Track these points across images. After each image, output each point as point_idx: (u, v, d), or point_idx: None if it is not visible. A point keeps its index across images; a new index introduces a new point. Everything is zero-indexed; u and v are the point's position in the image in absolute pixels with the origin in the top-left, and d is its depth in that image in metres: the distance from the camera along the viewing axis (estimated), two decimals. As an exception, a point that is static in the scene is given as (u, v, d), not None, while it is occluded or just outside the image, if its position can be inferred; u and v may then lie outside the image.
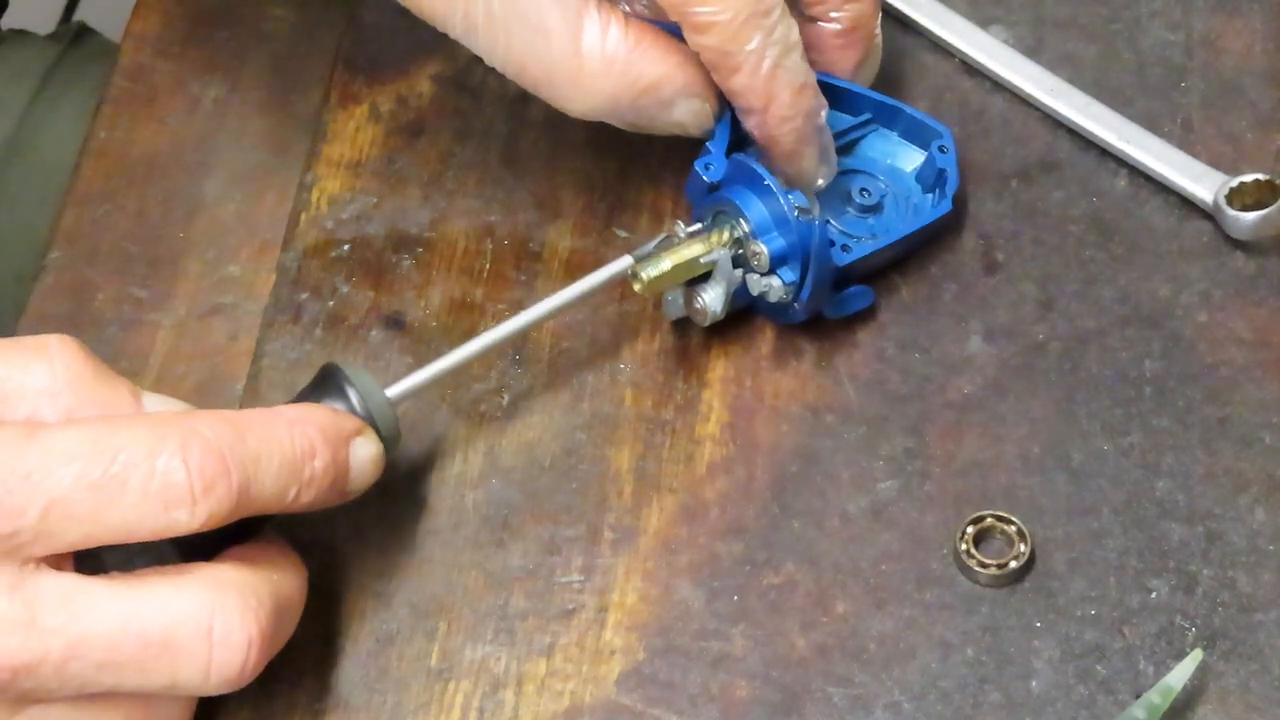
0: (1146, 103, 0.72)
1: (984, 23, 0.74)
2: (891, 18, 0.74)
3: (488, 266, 0.69)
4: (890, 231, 0.67)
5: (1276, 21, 0.74)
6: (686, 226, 0.65)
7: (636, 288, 0.64)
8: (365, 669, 0.61)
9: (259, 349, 0.68)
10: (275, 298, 0.69)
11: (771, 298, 0.65)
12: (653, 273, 0.64)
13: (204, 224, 0.71)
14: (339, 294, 0.69)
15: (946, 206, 0.68)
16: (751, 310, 0.67)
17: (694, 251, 0.64)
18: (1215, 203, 0.68)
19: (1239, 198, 0.67)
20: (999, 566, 0.61)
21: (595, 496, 0.64)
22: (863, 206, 0.68)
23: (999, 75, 0.72)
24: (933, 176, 0.68)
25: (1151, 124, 0.70)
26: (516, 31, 0.62)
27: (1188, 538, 0.62)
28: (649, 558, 0.63)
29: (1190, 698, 0.59)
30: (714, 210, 0.65)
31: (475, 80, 0.74)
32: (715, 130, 0.66)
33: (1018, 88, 0.72)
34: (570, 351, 0.67)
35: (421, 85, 0.74)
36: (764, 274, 0.65)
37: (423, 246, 0.70)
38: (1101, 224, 0.69)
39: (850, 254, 0.66)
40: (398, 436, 0.61)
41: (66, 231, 0.71)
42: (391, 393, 0.61)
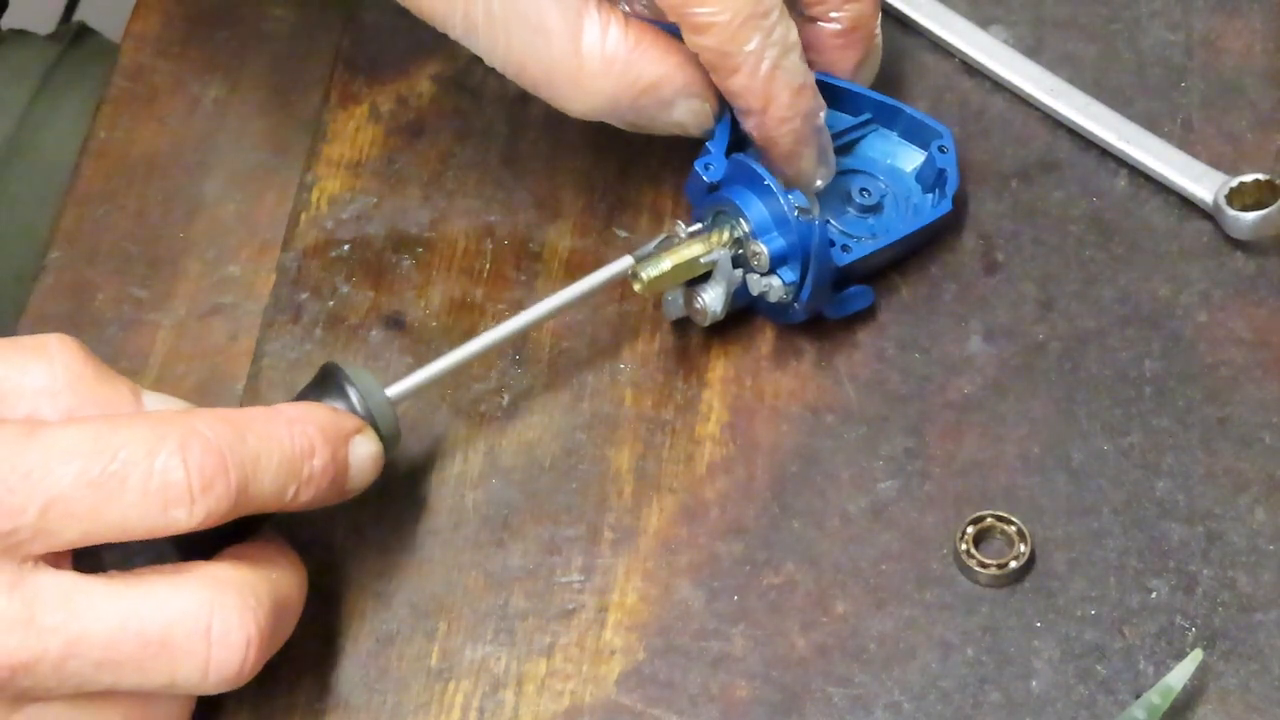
0: (1146, 103, 0.72)
1: (984, 23, 0.74)
2: (891, 18, 0.74)
3: (488, 266, 0.69)
4: (890, 231, 0.67)
5: (1276, 21, 0.74)
6: (687, 226, 0.65)
7: (637, 288, 0.64)
8: (365, 669, 0.61)
9: (259, 349, 0.68)
10: (275, 298, 0.69)
11: (771, 298, 0.65)
12: (653, 273, 0.64)
13: (204, 224, 0.71)
14: (339, 294, 0.69)
15: (946, 206, 0.68)
16: (751, 310, 0.67)
17: (694, 252, 0.64)
18: (1215, 203, 0.68)
19: (1239, 198, 0.67)
20: (999, 566, 0.61)
21: (595, 496, 0.64)
22: (863, 206, 0.68)
23: (999, 75, 0.72)
24: (933, 176, 0.68)
25: (1151, 124, 0.70)
26: (516, 32, 0.62)
27: (1188, 538, 0.62)
28: (649, 558, 0.63)
29: (1190, 698, 0.59)
30: (714, 210, 0.65)
31: (475, 80, 0.74)
32: (715, 130, 0.66)
33: (1018, 88, 0.72)
34: (570, 351, 0.67)
35: (421, 85, 0.74)
36: (764, 274, 0.65)
37: (423, 246, 0.70)
38: (1101, 224, 0.69)
39: (850, 254, 0.66)
40: (398, 436, 0.61)
41: (66, 231, 0.71)
42: (391, 392, 0.61)
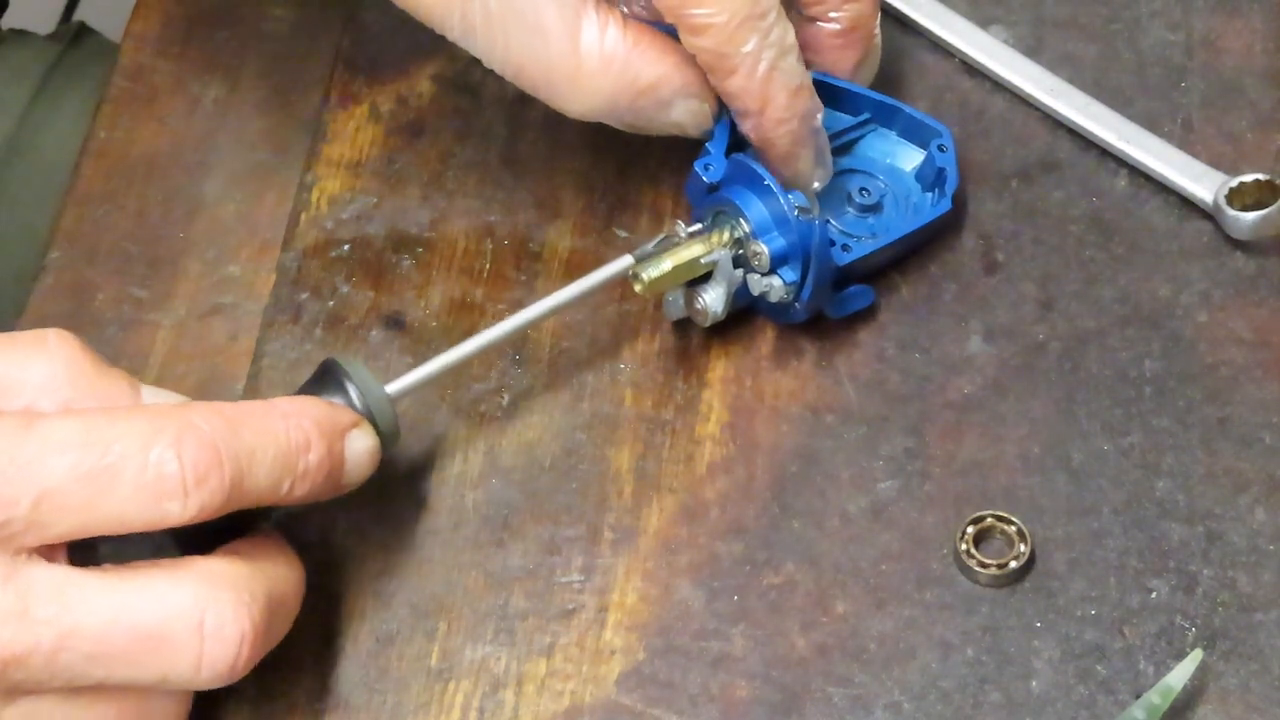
0: (1146, 103, 0.72)
1: (984, 23, 0.74)
2: (891, 18, 0.74)
3: (488, 266, 0.69)
4: (890, 231, 0.67)
5: (1276, 21, 0.74)
6: (687, 226, 0.65)
7: (637, 288, 0.64)
8: (365, 669, 0.61)
9: (259, 349, 0.68)
10: (275, 298, 0.69)
11: (772, 298, 0.65)
12: (653, 273, 0.64)
13: (204, 224, 0.71)
14: (339, 294, 0.69)
15: (946, 205, 0.68)
16: (752, 310, 0.67)
17: (694, 252, 0.64)
18: (1215, 203, 0.68)
19: (1239, 198, 0.67)
20: (999, 566, 0.61)
21: (595, 496, 0.64)
22: (862, 206, 0.68)
23: (999, 75, 0.72)
24: (932, 175, 0.68)
25: (1151, 124, 0.70)
26: (514, 32, 0.62)
27: (1188, 538, 0.62)
28: (649, 558, 0.63)
29: (1190, 698, 0.59)
30: (714, 210, 0.65)
31: (475, 80, 0.74)
32: (714, 131, 0.66)
33: (1018, 88, 0.72)
34: (570, 351, 0.67)
35: (421, 85, 0.74)
36: (764, 274, 0.65)
37: (423, 246, 0.70)
38: (1101, 224, 0.69)
39: (850, 253, 0.66)
40: (396, 432, 0.61)
41: (66, 231, 0.71)
42: (391, 389, 0.61)
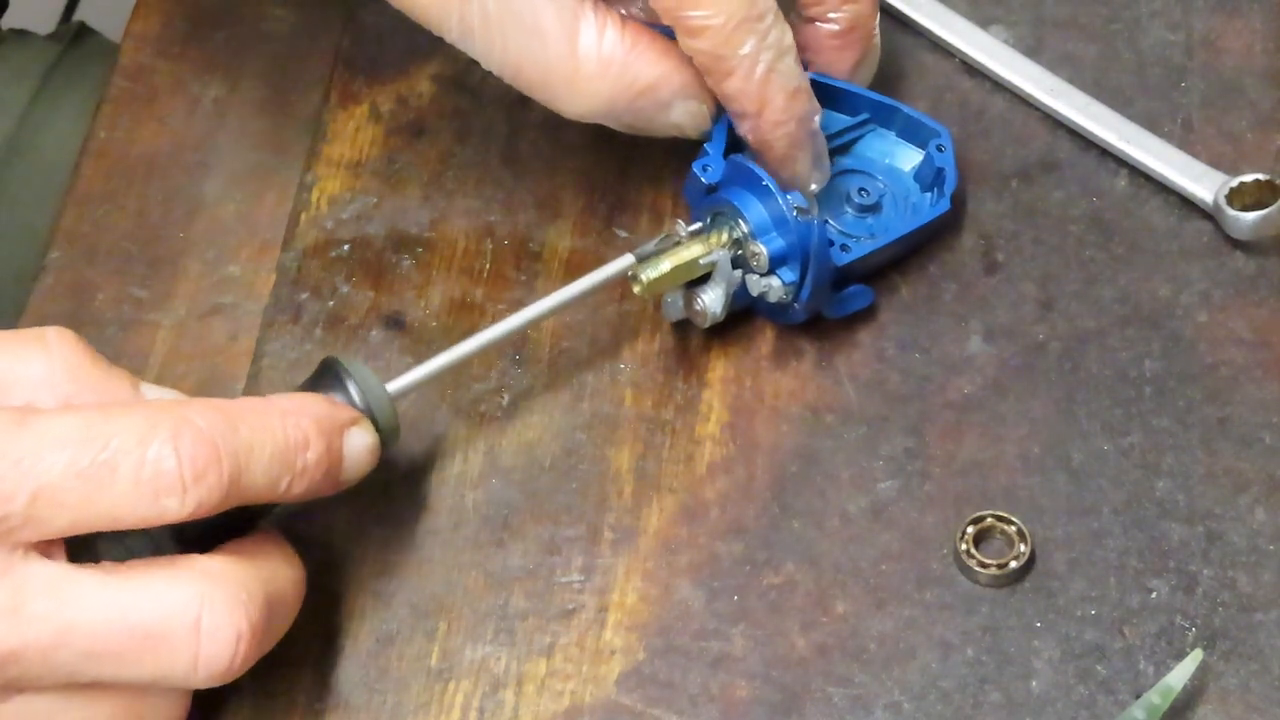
0: (1146, 103, 0.72)
1: (984, 23, 0.74)
2: (891, 18, 0.74)
3: (488, 266, 0.69)
4: (889, 231, 0.67)
5: (1276, 21, 0.74)
6: (686, 226, 0.65)
7: (636, 290, 0.64)
8: (365, 669, 0.61)
9: (259, 349, 0.68)
10: (275, 298, 0.69)
11: (771, 298, 0.65)
12: (652, 275, 0.64)
13: (204, 224, 0.71)
14: (339, 294, 0.69)
15: (945, 205, 0.68)
16: (751, 311, 0.67)
17: (693, 253, 0.64)
18: (1215, 203, 0.68)
19: (1239, 198, 0.67)
20: (999, 566, 0.61)
21: (595, 496, 0.64)
22: (861, 206, 0.68)
23: (999, 75, 0.72)
24: (931, 175, 0.68)
25: (1151, 124, 0.70)
26: (512, 34, 0.62)
27: (1188, 538, 0.62)
28: (649, 558, 0.63)
29: (1190, 698, 0.59)
30: (712, 211, 0.65)
31: (475, 80, 0.74)
32: (713, 132, 0.66)
33: (1018, 88, 0.72)
34: (570, 351, 0.67)
35: (421, 85, 0.74)
36: (763, 274, 0.64)
37: (423, 246, 0.70)
38: (1101, 224, 0.69)
39: (849, 253, 0.66)
40: (396, 430, 0.61)
41: (66, 231, 0.71)
42: (391, 387, 0.61)
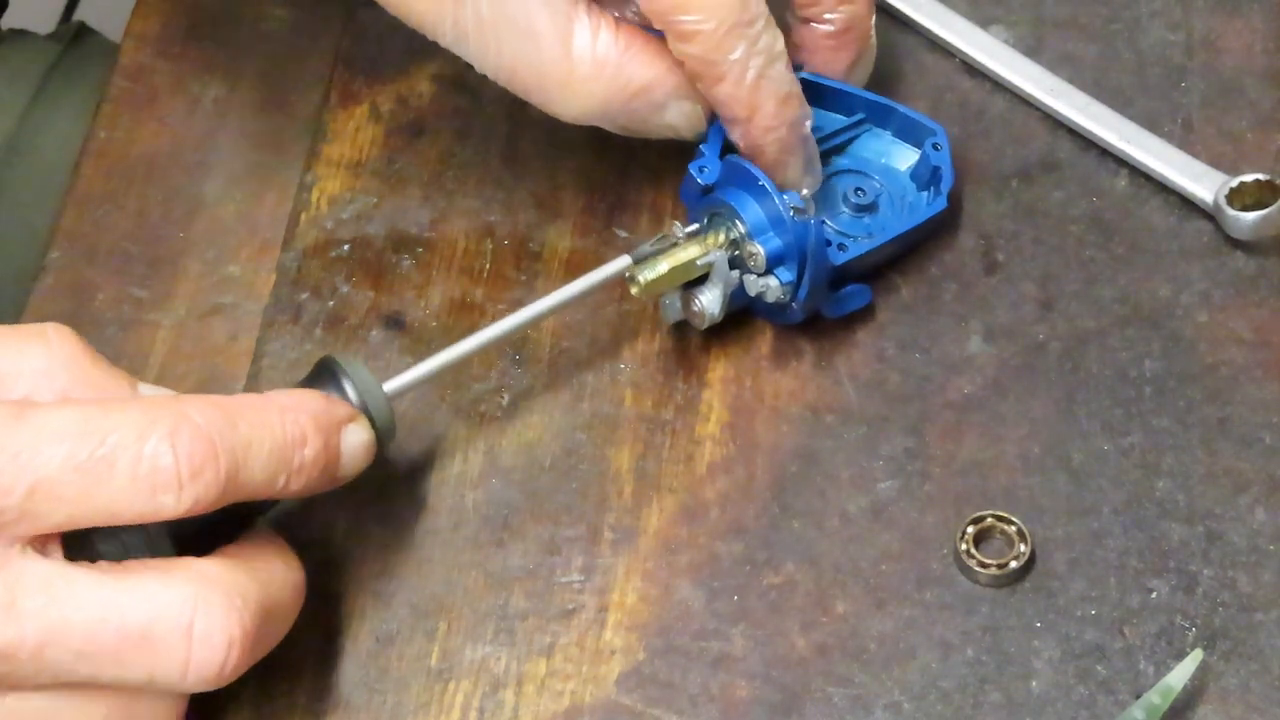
0: (1146, 103, 0.72)
1: (984, 23, 0.74)
2: (891, 18, 0.74)
3: (488, 266, 0.69)
4: (886, 230, 0.67)
5: (1276, 21, 0.74)
6: (684, 227, 0.65)
7: (634, 291, 0.64)
8: (365, 669, 0.61)
9: (259, 349, 0.68)
10: (275, 298, 0.69)
11: (769, 298, 0.65)
12: (649, 276, 0.64)
13: (204, 224, 0.71)
14: (339, 294, 0.69)
15: (942, 204, 0.68)
16: (750, 311, 0.67)
17: (690, 254, 0.64)
18: (1215, 203, 0.68)
19: (1239, 198, 0.67)
20: (999, 566, 0.61)
21: (595, 496, 0.64)
22: (858, 206, 0.68)
23: (999, 75, 0.72)
24: (927, 174, 0.68)
25: (1151, 124, 0.70)
26: (506, 37, 0.62)
27: (1188, 538, 0.62)
28: (649, 558, 0.63)
29: (1190, 698, 0.59)
30: (709, 212, 0.65)
31: (475, 80, 0.73)
32: (708, 132, 0.66)
33: (1018, 88, 0.72)
34: (570, 351, 0.67)
35: (421, 85, 0.74)
36: (761, 274, 0.64)
37: (423, 246, 0.70)
38: (1101, 224, 0.69)
39: (846, 253, 0.66)
40: (393, 429, 0.61)
41: (66, 231, 0.71)
42: (389, 387, 0.61)
